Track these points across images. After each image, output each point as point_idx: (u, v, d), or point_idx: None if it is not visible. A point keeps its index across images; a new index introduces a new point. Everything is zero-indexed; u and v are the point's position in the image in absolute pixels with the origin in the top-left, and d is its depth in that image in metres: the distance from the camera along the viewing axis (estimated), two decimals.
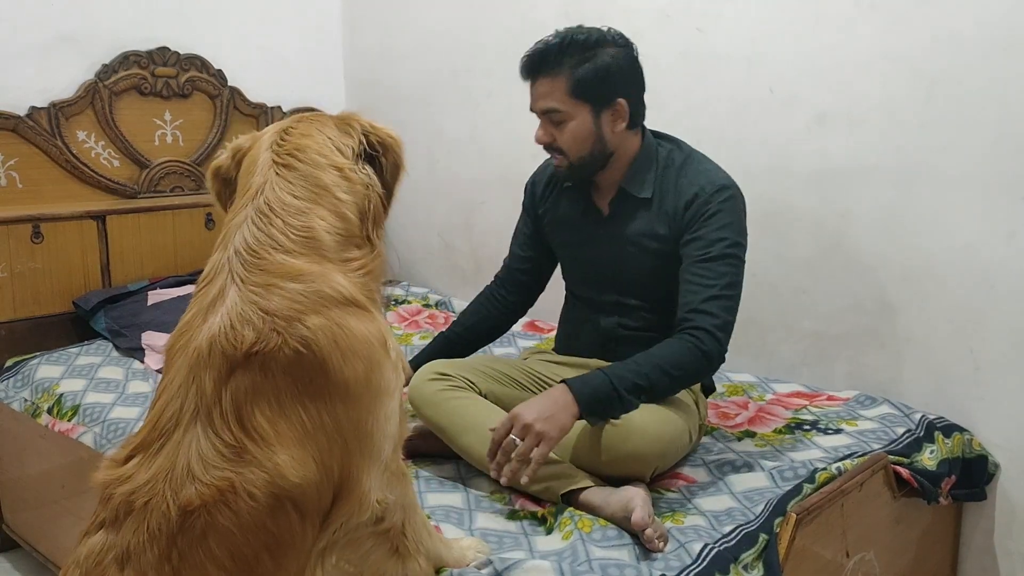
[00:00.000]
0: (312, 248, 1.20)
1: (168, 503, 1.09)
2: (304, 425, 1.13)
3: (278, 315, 1.14)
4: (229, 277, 1.19)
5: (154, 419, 1.15)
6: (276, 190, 1.23)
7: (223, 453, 1.10)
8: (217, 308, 1.16)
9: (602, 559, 1.47)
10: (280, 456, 1.10)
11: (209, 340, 1.13)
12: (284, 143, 1.29)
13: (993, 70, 2.00)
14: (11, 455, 2.57)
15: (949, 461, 1.98)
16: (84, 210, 2.77)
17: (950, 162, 2.09)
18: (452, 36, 3.17)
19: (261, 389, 1.12)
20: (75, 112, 2.83)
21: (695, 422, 1.84)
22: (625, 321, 1.94)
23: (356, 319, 1.19)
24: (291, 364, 1.12)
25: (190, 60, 3.07)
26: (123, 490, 1.12)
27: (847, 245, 2.29)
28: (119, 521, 1.12)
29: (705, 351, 1.71)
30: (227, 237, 1.24)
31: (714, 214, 1.79)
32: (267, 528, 1.11)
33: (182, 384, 1.14)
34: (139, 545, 1.10)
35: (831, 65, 2.26)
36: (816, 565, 1.67)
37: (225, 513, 1.09)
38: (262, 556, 1.12)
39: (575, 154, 1.82)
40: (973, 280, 2.08)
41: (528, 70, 1.82)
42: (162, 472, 1.11)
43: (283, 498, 1.11)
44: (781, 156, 2.37)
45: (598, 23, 1.85)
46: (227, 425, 1.11)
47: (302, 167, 1.25)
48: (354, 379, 1.16)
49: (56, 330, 2.73)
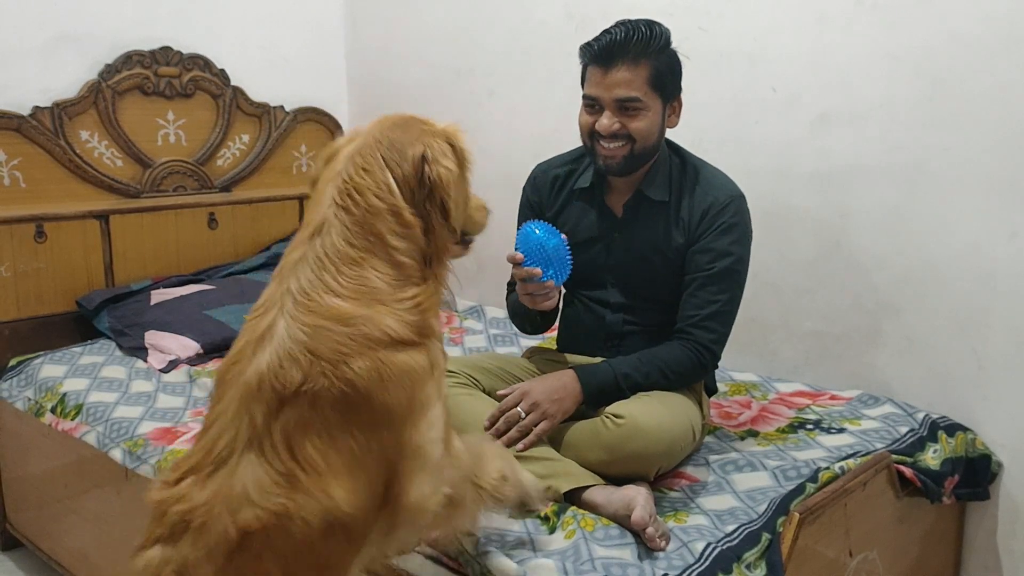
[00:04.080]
0: (364, 294, 1.25)
1: (226, 524, 1.16)
2: (353, 452, 1.20)
3: (324, 358, 1.19)
4: (280, 313, 1.24)
5: (208, 446, 1.21)
6: (333, 235, 1.27)
7: (277, 481, 1.17)
8: (266, 344, 1.22)
9: (604, 558, 1.47)
10: (334, 489, 1.18)
11: (258, 376, 1.20)
12: (348, 181, 1.30)
13: (995, 70, 2.00)
14: (14, 454, 2.57)
15: (952, 460, 1.98)
16: (87, 210, 2.77)
17: (952, 162, 2.09)
18: (454, 35, 3.17)
19: (310, 423, 1.18)
20: (78, 112, 2.84)
21: (698, 421, 1.84)
22: (631, 318, 1.95)
23: (401, 355, 1.25)
24: (337, 401, 1.19)
25: (193, 60, 3.07)
26: (179, 508, 1.19)
27: (849, 245, 2.29)
28: (176, 537, 1.19)
29: (703, 363, 1.83)
30: (283, 272, 1.29)
31: (728, 228, 1.83)
32: (317, 550, 1.19)
33: (234, 415, 1.20)
34: (197, 560, 1.17)
35: (833, 64, 2.26)
36: (819, 564, 1.67)
37: (280, 535, 1.16)
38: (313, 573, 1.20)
39: (642, 144, 1.82)
40: (976, 280, 2.08)
41: (606, 57, 1.77)
42: (219, 495, 1.18)
43: (335, 525, 1.18)
44: (783, 156, 2.37)
45: (601, 23, 1.85)
46: (278, 455, 1.18)
47: (358, 212, 1.29)
48: (397, 407, 1.23)
49: (59, 329, 2.74)
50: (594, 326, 1.99)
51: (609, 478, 1.70)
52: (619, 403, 1.73)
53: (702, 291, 1.83)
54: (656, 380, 1.78)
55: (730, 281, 1.84)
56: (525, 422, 1.66)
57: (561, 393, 1.71)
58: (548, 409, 1.68)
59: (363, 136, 1.37)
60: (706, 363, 1.83)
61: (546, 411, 1.67)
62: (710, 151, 1.96)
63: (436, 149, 1.35)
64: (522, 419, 1.66)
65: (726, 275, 1.83)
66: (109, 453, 2.11)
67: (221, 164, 3.21)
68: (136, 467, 2.04)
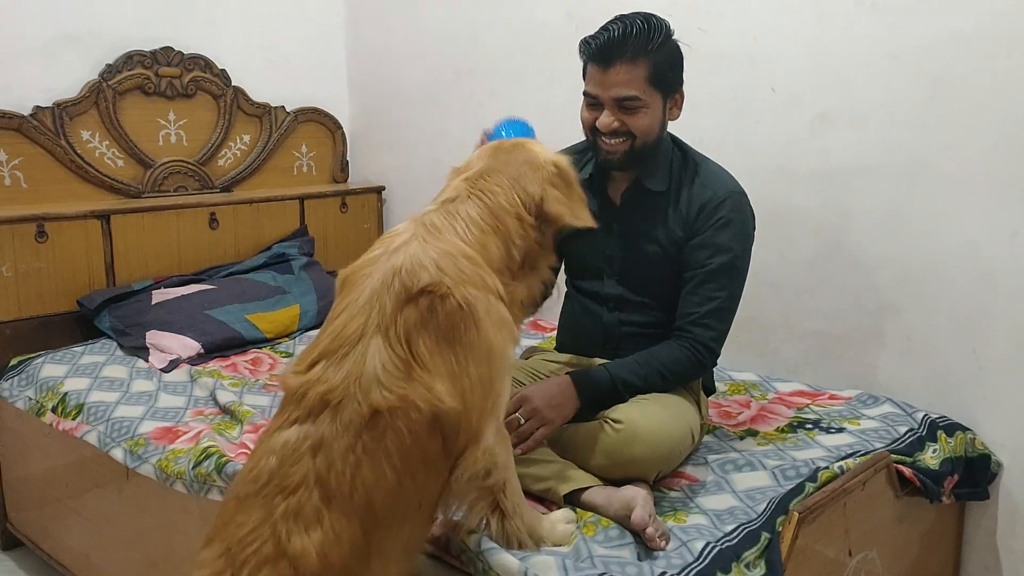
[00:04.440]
0: (481, 253, 1.44)
1: (359, 402, 1.30)
2: (452, 366, 1.35)
3: (448, 274, 1.37)
4: (414, 236, 1.43)
5: (336, 331, 1.37)
6: (468, 205, 1.49)
7: (399, 367, 1.32)
8: (400, 253, 1.40)
9: (604, 556, 1.48)
10: (438, 385, 1.33)
11: (393, 271, 1.38)
12: (480, 180, 1.53)
13: (996, 69, 2.00)
14: (15, 454, 2.58)
15: (952, 460, 1.98)
16: (88, 210, 2.78)
17: (953, 161, 2.09)
18: (455, 36, 3.18)
19: (426, 323, 1.34)
20: (79, 112, 2.84)
21: (697, 423, 1.84)
22: (627, 317, 1.94)
23: (503, 307, 1.44)
24: (452, 312, 1.35)
25: (194, 60, 3.08)
26: (319, 390, 1.32)
27: (849, 244, 2.29)
28: (313, 416, 1.32)
29: (702, 362, 1.83)
30: (415, 218, 1.49)
31: (727, 223, 1.82)
32: (424, 442, 1.33)
33: (366, 303, 1.37)
34: (332, 435, 1.30)
35: (833, 64, 2.26)
36: (818, 564, 1.67)
37: (401, 419, 1.31)
38: (418, 465, 1.34)
39: (642, 140, 1.82)
40: (976, 279, 2.08)
41: (603, 56, 1.76)
42: (353, 375, 1.32)
43: (438, 418, 1.33)
44: (783, 155, 2.37)
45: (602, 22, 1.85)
46: (400, 343, 1.33)
47: (490, 204, 1.50)
48: (497, 345, 1.40)
49: (60, 329, 2.74)
50: (591, 326, 1.98)
51: (609, 481, 1.70)
52: (618, 407, 1.72)
53: (701, 288, 1.82)
54: (654, 382, 1.77)
55: (729, 278, 1.83)
56: (524, 428, 1.66)
57: (559, 399, 1.71)
58: (547, 415, 1.68)
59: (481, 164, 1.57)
60: (705, 361, 1.82)
61: (544, 417, 1.67)
62: (710, 151, 1.96)
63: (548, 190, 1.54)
64: (521, 425, 1.66)
65: (724, 271, 1.82)
66: (110, 453, 2.12)
67: (222, 164, 3.21)
68: (137, 466, 2.04)
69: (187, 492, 1.92)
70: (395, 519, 1.34)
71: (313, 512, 1.28)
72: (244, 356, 2.66)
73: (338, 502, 1.28)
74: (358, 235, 3.46)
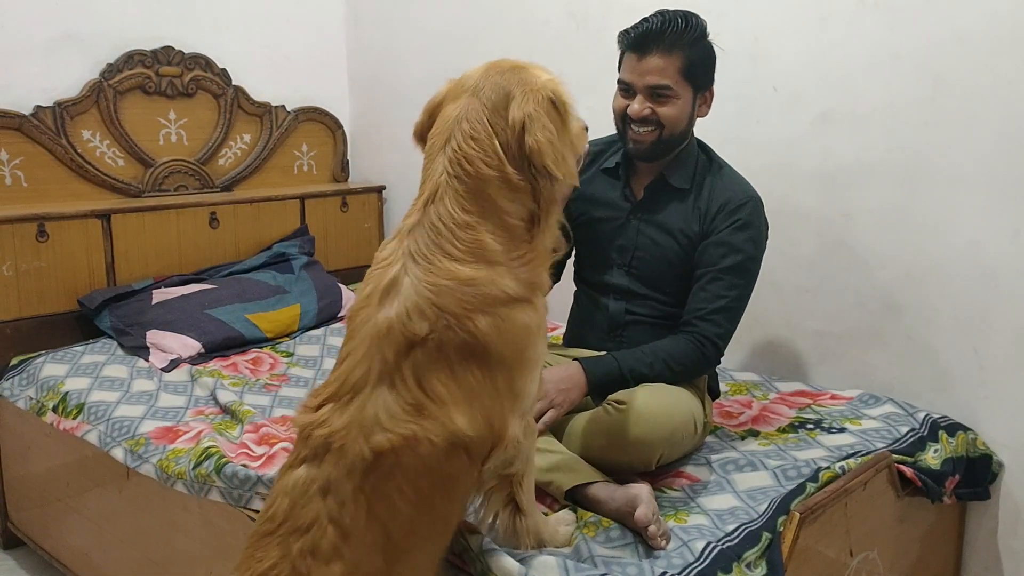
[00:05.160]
0: (480, 256, 1.35)
1: (362, 446, 1.30)
2: (472, 387, 1.34)
3: (449, 312, 1.32)
4: (403, 271, 1.36)
5: (342, 376, 1.36)
6: (447, 203, 1.36)
7: (406, 409, 1.31)
8: (393, 296, 1.35)
9: (605, 556, 1.48)
10: (456, 416, 1.32)
11: (388, 323, 1.33)
12: (458, 150, 1.37)
13: (998, 68, 1.99)
14: (16, 453, 2.58)
15: (953, 460, 1.98)
16: (89, 209, 2.78)
17: (954, 160, 2.09)
18: (456, 35, 3.17)
19: (436, 362, 1.32)
20: (80, 111, 2.84)
21: (700, 414, 1.86)
22: (633, 308, 1.96)
23: (518, 311, 1.37)
24: (460, 347, 1.33)
25: (194, 59, 3.07)
26: (321, 432, 1.33)
27: (851, 244, 2.29)
28: (319, 458, 1.33)
29: (707, 357, 1.85)
30: (402, 233, 1.40)
31: (744, 225, 1.87)
32: (443, 468, 1.33)
33: (366, 353, 1.34)
34: (338, 478, 1.31)
35: (835, 63, 2.25)
36: (820, 564, 1.67)
37: (410, 456, 1.31)
38: (437, 491, 1.35)
39: (671, 130, 1.87)
40: (977, 279, 2.08)
41: (640, 45, 1.83)
42: (355, 421, 1.32)
43: (457, 445, 1.33)
44: (785, 154, 2.37)
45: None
46: (408, 388, 1.32)
47: (470, 181, 1.37)
48: (511, 356, 1.37)
49: (61, 329, 2.74)
50: (597, 316, 2.00)
51: (611, 467, 1.71)
52: (622, 391, 1.75)
53: (712, 285, 1.85)
54: (660, 371, 1.80)
55: (740, 278, 1.86)
56: (533, 410, 1.67)
57: (568, 383, 1.74)
58: (555, 399, 1.70)
59: (468, 97, 1.42)
60: (709, 356, 1.84)
61: (553, 400, 1.70)
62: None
63: (535, 116, 1.37)
64: None
65: (737, 271, 1.85)
66: (111, 452, 2.12)
67: (222, 164, 3.21)
68: (137, 466, 2.04)
69: (187, 492, 1.92)
70: (418, 542, 1.36)
71: (330, 547, 1.30)
72: (244, 356, 2.66)
73: (355, 538, 1.31)
74: (358, 235, 3.46)
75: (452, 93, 1.46)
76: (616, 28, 2.21)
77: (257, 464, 1.86)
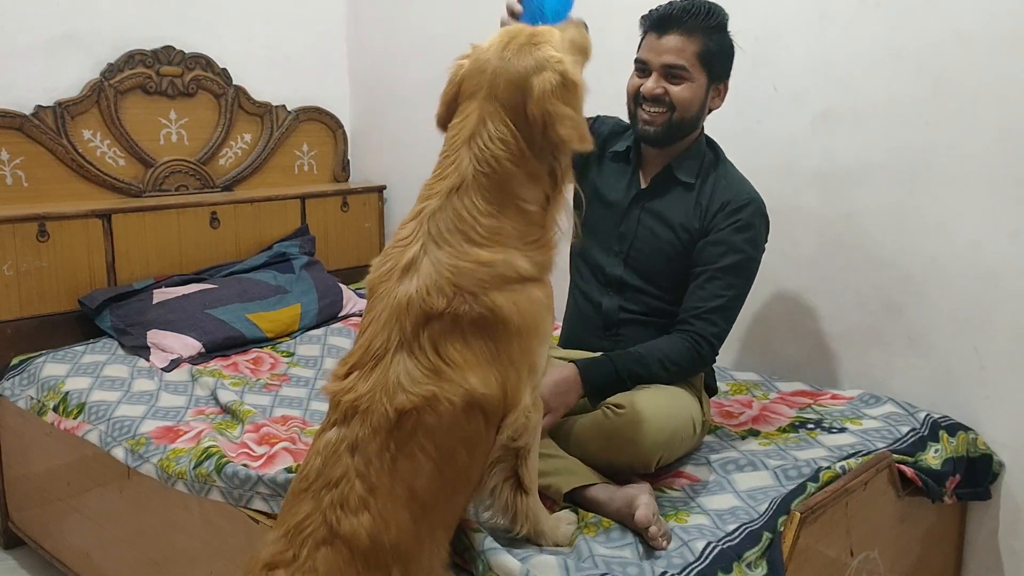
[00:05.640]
0: (498, 242, 1.44)
1: (386, 407, 1.38)
2: (487, 354, 1.42)
3: (467, 290, 1.40)
4: (422, 251, 1.43)
5: (365, 344, 1.44)
6: (472, 195, 1.43)
7: (425, 373, 1.39)
8: (412, 273, 1.43)
9: (606, 556, 1.48)
10: (471, 377, 1.40)
11: (408, 298, 1.41)
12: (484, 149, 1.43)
13: (999, 68, 1.99)
14: (17, 453, 2.58)
15: (953, 460, 1.98)
16: (89, 209, 2.78)
17: (955, 160, 2.09)
18: (456, 36, 3.15)
19: (452, 332, 1.40)
20: (80, 111, 2.84)
21: (699, 415, 1.86)
22: (627, 304, 1.97)
23: (532, 288, 1.46)
24: (476, 321, 1.41)
25: (195, 59, 3.07)
26: (348, 398, 1.42)
27: (851, 244, 2.29)
28: (347, 420, 1.42)
29: (702, 356, 1.85)
30: (423, 215, 1.46)
31: (744, 226, 1.87)
32: (462, 426, 1.41)
33: (386, 323, 1.42)
34: (365, 437, 1.39)
35: (836, 63, 2.25)
36: (820, 564, 1.67)
37: (430, 414, 1.38)
38: (458, 448, 1.42)
39: (681, 113, 1.88)
40: (978, 279, 2.08)
41: (661, 25, 1.85)
42: (379, 385, 1.40)
43: (474, 404, 1.40)
44: (785, 154, 2.37)
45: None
46: (426, 355, 1.40)
47: (496, 177, 1.44)
48: (526, 327, 1.44)
49: (62, 328, 2.74)
50: (591, 314, 2.00)
51: (611, 470, 1.71)
52: (620, 395, 1.75)
53: (710, 283, 1.85)
54: (656, 372, 1.80)
55: (738, 277, 1.86)
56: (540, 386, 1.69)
57: (564, 387, 1.74)
58: (551, 403, 1.70)
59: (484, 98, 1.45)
60: (704, 355, 1.85)
61: (549, 404, 1.69)
62: None
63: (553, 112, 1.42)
64: None
65: (735, 270, 1.85)
66: (111, 452, 2.12)
67: (223, 163, 3.21)
68: (138, 466, 2.04)
69: (188, 492, 1.92)
70: (442, 499, 1.42)
71: (358, 500, 1.38)
72: (245, 355, 2.66)
73: (381, 492, 1.38)
74: (359, 234, 3.46)
75: (468, 83, 1.48)
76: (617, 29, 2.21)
77: (258, 464, 1.86)
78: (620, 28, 2.16)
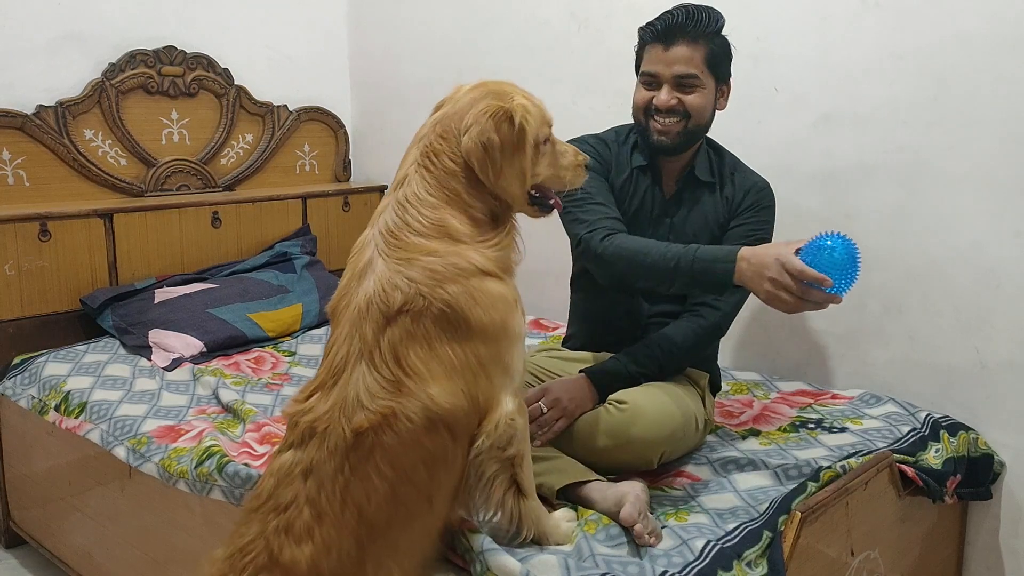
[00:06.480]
0: (445, 234, 1.42)
1: (343, 427, 1.36)
2: (452, 361, 1.38)
3: (420, 282, 1.38)
4: (375, 251, 1.43)
5: (328, 364, 1.42)
6: (413, 186, 1.45)
7: (384, 387, 1.36)
8: (367, 275, 1.42)
9: (606, 555, 1.48)
10: (433, 389, 1.36)
11: (366, 299, 1.40)
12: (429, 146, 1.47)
13: (1000, 69, 1.99)
14: (18, 452, 2.58)
15: (954, 460, 1.98)
16: (91, 208, 2.78)
17: (956, 161, 2.09)
18: (457, 36, 3.18)
19: (413, 335, 1.37)
20: (82, 111, 2.84)
21: (701, 411, 1.86)
22: (658, 307, 1.97)
23: (490, 282, 1.42)
24: (437, 318, 1.37)
25: (196, 59, 3.08)
26: (307, 419, 1.40)
27: None
28: (304, 442, 1.40)
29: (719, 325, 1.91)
30: (375, 219, 1.48)
31: (764, 208, 1.95)
32: (423, 445, 1.36)
33: (347, 334, 1.40)
34: (320, 460, 1.37)
35: (837, 64, 2.26)
36: (821, 563, 1.67)
37: (388, 433, 1.35)
38: (418, 468, 1.37)
39: (696, 120, 1.89)
40: (979, 279, 2.08)
41: (666, 36, 1.86)
42: (337, 404, 1.38)
43: (436, 421, 1.36)
44: (786, 155, 2.37)
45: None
46: (386, 364, 1.37)
47: (436, 172, 1.46)
48: (492, 325, 1.40)
49: (63, 328, 2.74)
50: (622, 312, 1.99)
51: (614, 467, 1.71)
52: (622, 391, 1.77)
53: None
54: (667, 363, 1.84)
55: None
56: (546, 416, 1.72)
57: (579, 393, 1.78)
58: (568, 406, 1.74)
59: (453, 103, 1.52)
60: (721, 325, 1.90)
61: (565, 408, 1.73)
62: None
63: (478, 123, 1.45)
64: (543, 413, 1.72)
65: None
66: (113, 451, 2.12)
67: (225, 163, 3.22)
68: (139, 465, 2.04)
69: (189, 491, 1.92)
70: (396, 523, 1.39)
71: (304, 528, 1.36)
72: (246, 355, 2.66)
73: (329, 518, 1.36)
74: (360, 234, 3.46)
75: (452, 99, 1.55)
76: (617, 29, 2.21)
77: (259, 463, 1.86)
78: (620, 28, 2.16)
